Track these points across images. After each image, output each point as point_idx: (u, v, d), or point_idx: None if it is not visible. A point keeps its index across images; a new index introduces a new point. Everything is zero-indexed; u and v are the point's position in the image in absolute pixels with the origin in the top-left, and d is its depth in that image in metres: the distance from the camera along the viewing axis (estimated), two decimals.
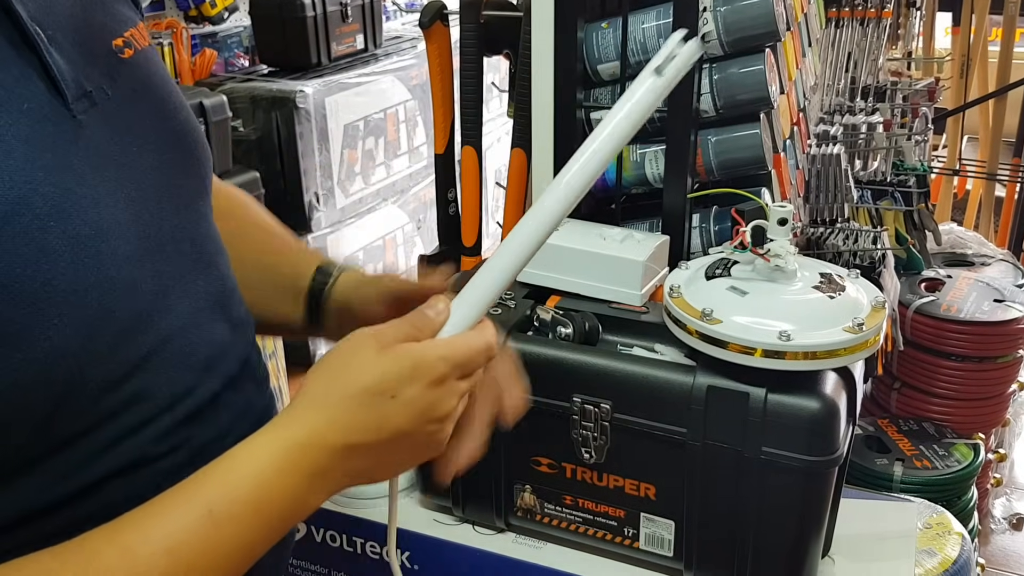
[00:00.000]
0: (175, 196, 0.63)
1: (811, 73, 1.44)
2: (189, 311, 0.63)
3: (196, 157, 0.67)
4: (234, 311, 0.69)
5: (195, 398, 0.62)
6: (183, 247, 0.63)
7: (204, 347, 0.64)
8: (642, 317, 0.96)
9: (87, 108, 0.57)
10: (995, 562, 2.21)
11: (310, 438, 0.57)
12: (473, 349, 0.62)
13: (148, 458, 0.59)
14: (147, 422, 0.59)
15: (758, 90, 1.05)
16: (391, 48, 3.34)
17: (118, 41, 0.61)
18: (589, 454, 0.90)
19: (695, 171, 1.09)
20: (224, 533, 0.54)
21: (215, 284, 0.67)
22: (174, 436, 0.61)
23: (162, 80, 0.66)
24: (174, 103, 0.66)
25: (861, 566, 0.95)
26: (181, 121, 0.66)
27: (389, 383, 0.59)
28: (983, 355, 1.99)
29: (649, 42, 1.07)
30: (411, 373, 0.59)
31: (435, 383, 0.60)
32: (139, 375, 0.58)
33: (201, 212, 0.67)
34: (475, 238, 1.40)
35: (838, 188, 1.59)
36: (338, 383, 0.59)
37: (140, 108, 0.62)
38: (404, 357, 0.60)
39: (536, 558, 0.96)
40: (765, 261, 0.85)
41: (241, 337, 0.69)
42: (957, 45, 2.92)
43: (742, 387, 0.82)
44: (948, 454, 1.79)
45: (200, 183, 0.68)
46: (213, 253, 0.68)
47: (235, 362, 0.67)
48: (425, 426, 0.60)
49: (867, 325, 0.81)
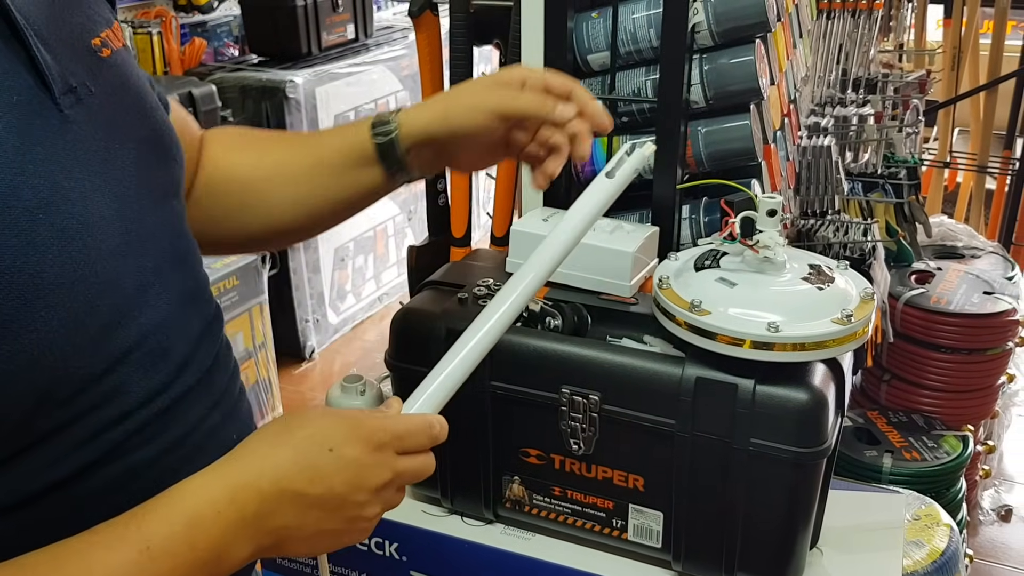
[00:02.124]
0: (154, 191, 0.64)
1: (802, 65, 1.44)
2: (167, 306, 0.63)
3: (171, 155, 0.68)
4: (205, 306, 0.70)
5: (171, 392, 0.63)
6: (161, 242, 0.64)
7: (180, 342, 0.64)
8: (631, 308, 0.96)
9: (73, 103, 0.57)
10: (983, 553, 2.22)
11: (246, 480, 0.58)
12: (415, 425, 0.64)
13: (124, 450, 0.59)
14: (125, 416, 0.59)
15: (748, 81, 1.05)
16: (382, 38, 3.33)
17: (96, 40, 0.62)
18: (578, 445, 0.90)
19: (685, 162, 1.09)
20: (160, 568, 0.55)
21: (189, 279, 0.68)
22: (150, 429, 0.61)
23: (137, 81, 0.66)
24: (149, 103, 0.67)
25: (849, 557, 0.95)
26: (157, 121, 0.67)
27: (328, 436, 0.60)
28: (972, 347, 1.99)
29: (639, 32, 1.06)
30: (352, 432, 0.61)
31: (374, 448, 0.61)
32: (119, 369, 0.58)
33: (173, 208, 0.68)
34: (464, 229, 1.39)
35: (828, 180, 1.58)
36: (281, 434, 0.61)
37: (120, 106, 0.62)
38: (348, 417, 0.63)
39: (525, 549, 0.96)
40: (754, 252, 0.84)
41: (213, 331, 0.70)
42: (948, 37, 2.92)
43: (731, 378, 0.82)
44: (937, 446, 1.80)
45: (174, 181, 0.69)
46: (186, 249, 0.69)
47: (208, 356, 0.68)
48: (355, 493, 0.61)
49: (856, 316, 0.81)
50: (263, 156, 0.83)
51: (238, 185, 0.82)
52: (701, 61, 1.05)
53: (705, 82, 1.05)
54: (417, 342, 0.94)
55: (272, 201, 0.82)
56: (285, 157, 0.83)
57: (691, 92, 1.06)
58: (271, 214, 0.82)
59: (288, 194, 0.82)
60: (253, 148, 0.84)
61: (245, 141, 0.86)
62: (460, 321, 0.92)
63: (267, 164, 0.82)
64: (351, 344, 3.22)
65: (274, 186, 0.82)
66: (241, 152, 0.83)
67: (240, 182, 0.82)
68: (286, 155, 0.83)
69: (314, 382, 2.97)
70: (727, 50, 1.05)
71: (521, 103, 0.75)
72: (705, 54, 1.05)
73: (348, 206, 0.84)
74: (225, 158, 0.82)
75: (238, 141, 0.85)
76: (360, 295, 3.30)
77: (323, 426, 0.61)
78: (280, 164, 0.82)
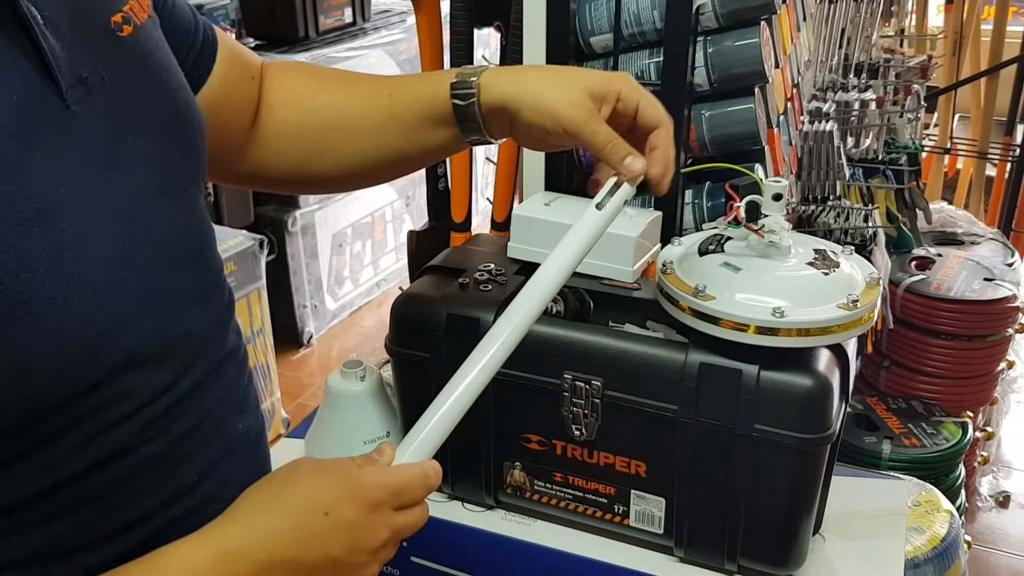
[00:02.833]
0: (168, 185, 0.61)
1: (805, 49, 1.43)
2: (175, 306, 0.61)
3: (192, 142, 0.65)
4: (217, 298, 0.68)
5: (176, 390, 0.61)
6: (172, 238, 0.61)
7: (187, 340, 0.62)
8: (634, 294, 0.95)
9: (82, 96, 0.54)
10: (981, 539, 2.22)
11: (235, 548, 0.56)
12: (411, 477, 0.62)
13: (126, 450, 0.58)
14: (127, 416, 0.57)
15: (753, 63, 1.04)
16: (380, 22, 3.31)
17: (117, 17, 0.58)
18: (580, 431, 0.90)
19: (688, 146, 1.08)
20: None
21: (201, 273, 0.65)
22: (154, 427, 0.59)
23: (162, 58, 0.62)
24: (173, 83, 0.63)
25: (852, 544, 0.95)
26: (180, 103, 0.63)
27: (322, 499, 0.58)
28: (972, 334, 1.99)
29: (643, 13, 1.05)
30: (347, 493, 0.58)
31: (371, 508, 0.59)
32: (121, 375, 0.56)
33: (192, 196, 0.65)
34: (465, 214, 1.38)
35: (830, 166, 1.58)
36: (272, 498, 0.59)
37: (138, 91, 0.59)
38: (341, 478, 0.59)
39: (526, 535, 0.96)
40: (759, 237, 0.84)
41: (223, 323, 0.68)
42: (950, 23, 2.90)
43: (735, 364, 0.81)
44: (936, 432, 1.80)
45: (195, 167, 0.66)
46: (200, 240, 0.66)
47: (218, 350, 0.66)
48: (353, 556, 0.59)
49: (861, 302, 0.80)
50: (336, 102, 0.79)
51: (312, 133, 0.79)
52: (705, 43, 1.04)
53: (709, 65, 1.04)
54: (417, 327, 0.93)
55: (343, 150, 0.79)
56: (358, 106, 0.79)
57: (695, 75, 1.05)
58: (340, 163, 0.80)
59: (360, 145, 0.79)
60: (324, 91, 0.80)
61: (315, 84, 0.81)
62: (461, 306, 0.92)
63: (342, 112, 0.79)
64: (349, 330, 3.21)
65: (346, 136, 0.78)
66: (314, 97, 0.79)
67: (314, 129, 0.79)
68: (360, 104, 0.79)
69: (312, 368, 2.96)
70: (732, 32, 1.04)
71: (593, 137, 0.71)
72: (709, 36, 1.04)
73: (421, 160, 0.82)
74: (298, 102, 0.79)
75: (308, 84, 0.81)
76: (358, 281, 3.29)
77: (317, 489, 0.58)
78: (353, 115, 0.78)
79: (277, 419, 2.51)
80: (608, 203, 0.71)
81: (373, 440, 1.02)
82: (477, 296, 0.93)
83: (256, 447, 0.71)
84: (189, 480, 0.63)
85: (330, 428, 1.03)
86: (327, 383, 1.04)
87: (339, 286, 3.19)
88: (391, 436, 1.03)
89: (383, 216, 3.33)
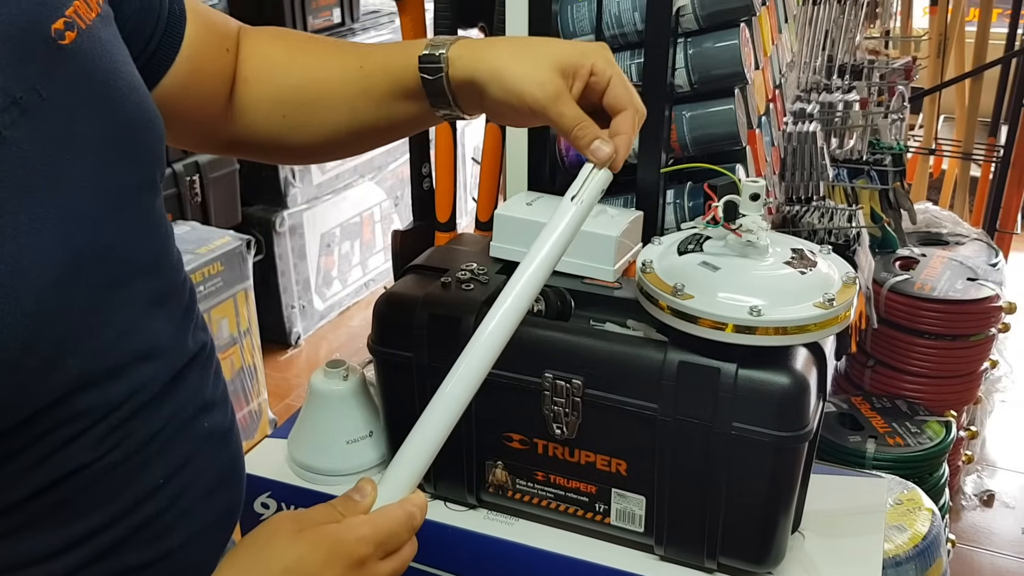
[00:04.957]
0: (117, 197, 0.58)
1: (787, 50, 1.44)
2: (127, 318, 0.58)
3: (144, 146, 0.61)
4: (176, 300, 0.65)
5: (133, 403, 0.59)
6: (123, 251, 0.58)
7: (143, 352, 0.60)
8: (615, 293, 0.95)
9: (15, 119, 0.50)
10: (966, 538, 2.24)
11: None
12: (396, 522, 0.60)
13: (82, 465, 0.56)
14: (80, 434, 0.56)
15: (733, 65, 1.04)
16: (369, 22, 3.31)
17: (58, 23, 0.54)
18: (561, 430, 0.90)
19: (670, 146, 1.09)
20: None
21: (157, 281, 0.63)
22: (109, 439, 0.58)
23: (112, 59, 0.58)
24: (122, 87, 0.59)
25: (831, 541, 0.95)
26: (130, 106, 0.59)
27: (305, 566, 0.56)
28: (956, 333, 2.01)
29: (624, 15, 1.06)
30: (330, 555, 0.56)
31: (356, 565, 0.57)
32: (71, 396, 0.54)
33: (146, 202, 0.62)
34: (449, 213, 1.39)
35: (814, 166, 1.59)
36: (252, 570, 0.57)
37: (81, 102, 0.55)
38: (322, 539, 0.57)
39: (508, 534, 0.96)
40: (737, 236, 0.84)
41: (184, 325, 0.66)
42: (934, 25, 2.92)
43: (713, 363, 0.82)
44: (920, 431, 1.81)
45: (148, 170, 0.62)
46: (157, 246, 0.64)
47: (179, 356, 0.64)
48: None
49: (838, 300, 0.81)
50: (309, 76, 0.77)
51: (287, 107, 0.77)
52: (686, 45, 1.05)
53: (690, 66, 1.05)
54: (399, 327, 0.93)
55: (317, 124, 0.77)
56: (332, 79, 0.76)
57: (676, 76, 1.05)
58: (315, 135, 0.78)
59: (334, 118, 0.77)
60: (297, 64, 0.78)
61: (289, 56, 0.79)
62: (442, 306, 0.92)
63: (315, 87, 0.77)
64: (337, 330, 3.21)
65: (320, 110, 0.77)
66: (288, 70, 0.77)
67: (288, 104, 0.77)
68: (333, 77, 0.76)
69: (300, 368, 2.96)
70: (712, 34, 1.05)
71: (559, 119, 0.69)
72: (690, 38, 1.05)
73: (398, 132, 0.80)
74: (273, 77, 0.77)
75: (282, 55, 0.79)
76: (346, 281, 3.29)
77: (299, 554, 0.56)
78: (327, 89, 0.76)
79: (264, 420, 2.50)
80: (583, 194, 0.68)
81: (356, 440, 1.03)
82: (459, 296, 0.93)
83: (224, 444, 0.70)
84: (152, 485, 0.61)
85: (313, 428, 1.04)
86: (310, 382, 1.04)
87: (327, 286, 3.19)
88: (374, 436, 1.03)
89: (372, 216, 3.34)
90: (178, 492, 0.64)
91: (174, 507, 0.63)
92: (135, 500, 0.61)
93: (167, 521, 0.63)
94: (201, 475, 0.66)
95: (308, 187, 2.98)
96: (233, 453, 0.72)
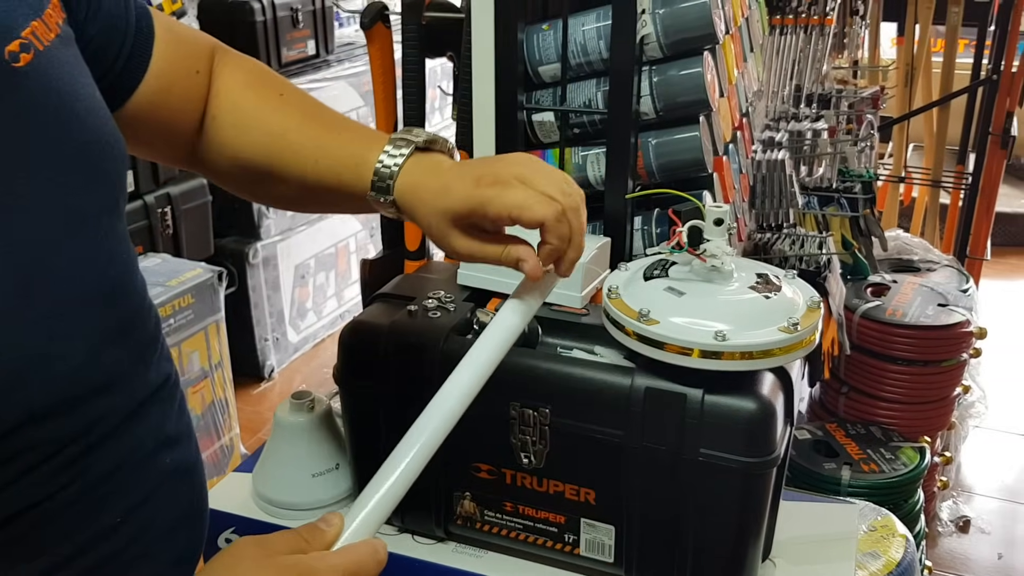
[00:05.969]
0: (77, 220, 0.57)
1: (754, 79, 1.45)
2: (84, 348, 0.57)
3: (104, 168, 0.60)
4: (139, 331, 0.64)
5: (90, 436, 0.57)
6: (80, 278, 0.57)
7: (100, 384, 0.58)
8: (582, 319, 0.95)
9: None
10: (942, 564, 2.24)
11: None
12: (363, 559, 0.59)
13: (34, 503, 0.55)
14: (31, 469, 0.54)
15: (697, 92, 1.05)
16: (343, 54, 3.32)
17: (12, 46, 0.53)
18: (528, 459, 0.89)
19: (636, 173, 1.09)
20: None
21: (118, 309, 0.61)
22: (63, 475, 0.56)
23: (69, 83, 0.58)
24: (80, 109, 0.58)
25: (802, 568, 0.95)
26: (89, 129, 0.59)
27: None
28: (928, 359, 2.02)
29: (589, 44, 1.06)
30: None
31: None
32: (21, 430, 0.53)
33: (107, 226, 0.61)
34: (419, 242, 1.38)
35: (783, 193, 1.60)
36: None
37: (36, 125, 0.54)
38: (292, 568, 0.56)
39: (477, 567, 0.95)
40: (702, 261, 0.84)
41: (146, 358, 0.64)
42: (901, 55, 2.97)
43: (679, 388, 0.81)
44: (895, 457, 1.81)
45: (109, 194, 0.61)
46: (118, 272, 0.62)
47: (140, 389, 0.63)
48: None
49: (802, 325, 0.81)
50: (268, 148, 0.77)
51: (246, 166, 0.79)
52: (651, 73, 1.06)
53: (654, 94, 1.06)
54: (365, 356, 0.92)
55: (272, 193, 0.81)
56: (287, 162, 0.77)
57: (641, 103, 1.06)
58: (269, 196, 0.84)
59: (287, 193, 0.80)
60: (261, 125, 0.78)
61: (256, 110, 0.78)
62: (408, 334, 0.91)
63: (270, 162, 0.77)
64: (311, 362, 3.18)
65: (274, 184, 0.78)
66: (251, 129, 0.78)
67: (247, 164, 0.78)
68: (288, 160, 0.77)
69: (273, 402, 2.93)
70: (676, 62, 1.05)
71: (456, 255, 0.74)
72: (654, 66, 1.06)
73: (350, 211, 0.85)
74: (237, 131, 0.77)
75: (250, 104, 0.79)
76: (321, 312, 3.27)
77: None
78: (281, 169, 0.78)
79: (235, 455, 2.47)
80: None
81: (322, 472, 1.01)
82: (425, 323, 0.92)
83: (188, 480, 0.68)
84: (109, 524, 0.60)
85: (278, 461, 1.02)
86: (275, 414, 1.03)
87: (301, 318, 3.17)
88: (339, 468, 1.02)
89: (347, 247, 3.32)
90: (138, 531, 0.62)
91: (134, 546, 0.62)
92: (93, 537, 0.59)
93: (125, 561, 0.61)
94: (162, 513, 0.64)
95: (282, 218, 2.97)
96: (197, 490, 0.70)
